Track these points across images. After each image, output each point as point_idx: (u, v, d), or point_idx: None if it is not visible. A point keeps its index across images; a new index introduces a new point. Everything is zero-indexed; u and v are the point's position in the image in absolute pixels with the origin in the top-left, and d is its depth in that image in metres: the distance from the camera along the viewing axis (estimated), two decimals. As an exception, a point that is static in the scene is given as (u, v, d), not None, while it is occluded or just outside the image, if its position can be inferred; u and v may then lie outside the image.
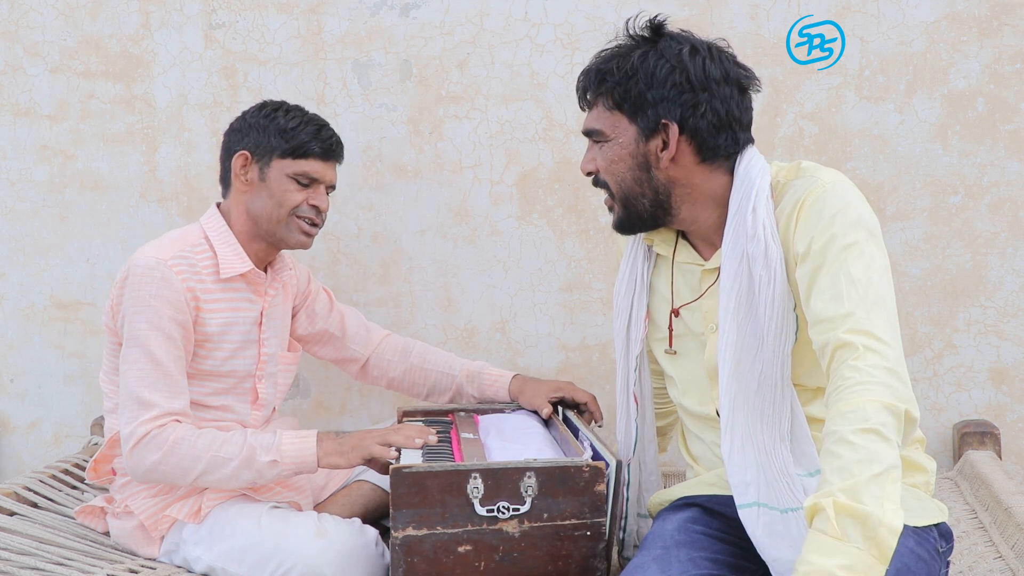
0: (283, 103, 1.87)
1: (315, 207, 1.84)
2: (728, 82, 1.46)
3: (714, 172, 1.48)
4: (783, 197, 1.43)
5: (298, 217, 1.83)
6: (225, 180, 1.87)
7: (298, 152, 1.81)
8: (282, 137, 1.80)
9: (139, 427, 1.66)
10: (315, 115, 1.87)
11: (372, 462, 1.67)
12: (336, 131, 1.88)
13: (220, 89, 2.31)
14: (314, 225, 1.86)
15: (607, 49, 1.51)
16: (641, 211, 1.51)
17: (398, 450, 1.66)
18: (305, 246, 1.86)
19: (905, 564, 1.31)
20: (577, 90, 1.54)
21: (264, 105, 1.87)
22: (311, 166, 1.82)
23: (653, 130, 1.46)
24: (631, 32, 1.49)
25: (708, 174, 1.48)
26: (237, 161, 1.83)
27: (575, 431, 1.76)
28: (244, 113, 1.87)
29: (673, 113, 1.44)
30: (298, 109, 1.86)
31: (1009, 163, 2.18)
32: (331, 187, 1.89)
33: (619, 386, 1.69)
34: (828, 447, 1.18)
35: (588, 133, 1.53)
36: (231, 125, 1.88)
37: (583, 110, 1.56)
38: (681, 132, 1.45)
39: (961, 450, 2.17)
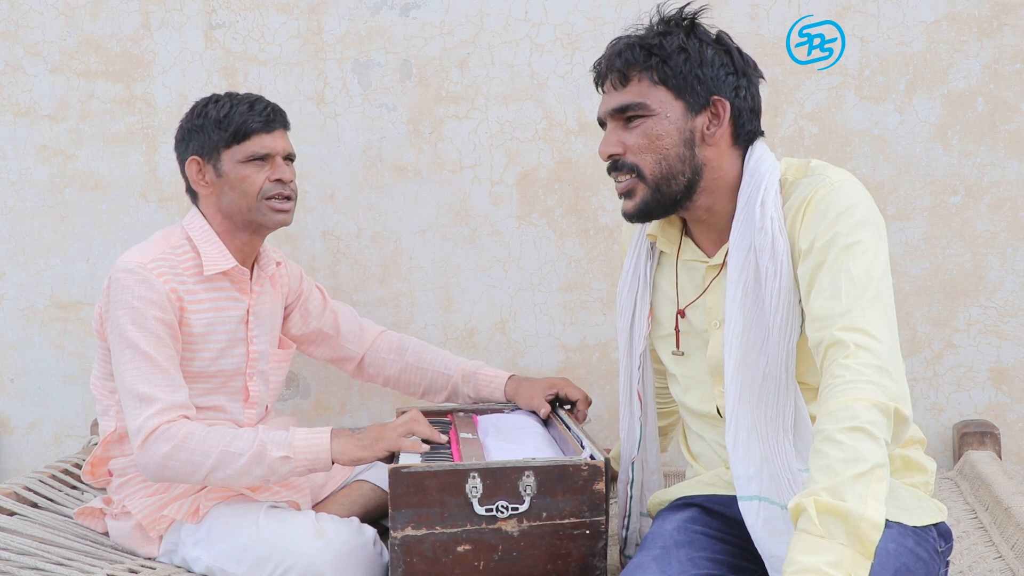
0: (212, 96, 1.85)
1: (279, 181, 1.82)
2: (756, 72, 1.51)
3: (736, 159, 1.50)
4: (791, 194, 1.44)
5: (267, 199, 1.81)
6: (190, 190, 1.87)
7: (239, 135, 1.79)
8: (219, 128, 1.80)
9: (146, 422, 1.64)
10: (246, 94, 1.85)
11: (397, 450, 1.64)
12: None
13: (220, 89, 2.30)
14: (287, 199, 1.84)
15: (636, 31, 1.50)
16: (674, 191, 1.48)
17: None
18: (285, 223, 1.85)
19: (904, 564, 1.31)
20: (611, 66, 1.50)
21: (194, 106, 1.86)
22: (258, 143, 1.80)
23: (703, 106, 1.46)
24: (664, 17, 1.49)
25: (733, 159, 1.49)
26: (191, 168, 1.83)
27: (567, 428, 1.76)
28: (181, 121, 1.87)
29: (726, 91, 1.46)
30: (227, 96, 1.84)
31: (1009, 163, 2.18)
32: (288, 157, 1.86)
33: (623, 384, 1.69)
34: (816, 446, 1.19)
35: (624, 109, 1.48)
36: (175, 137, 1.88)
37: (602, 92, 1.53)
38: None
39: (961, 450, 2.17)
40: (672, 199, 1.50)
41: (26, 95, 2.37)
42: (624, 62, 1.48)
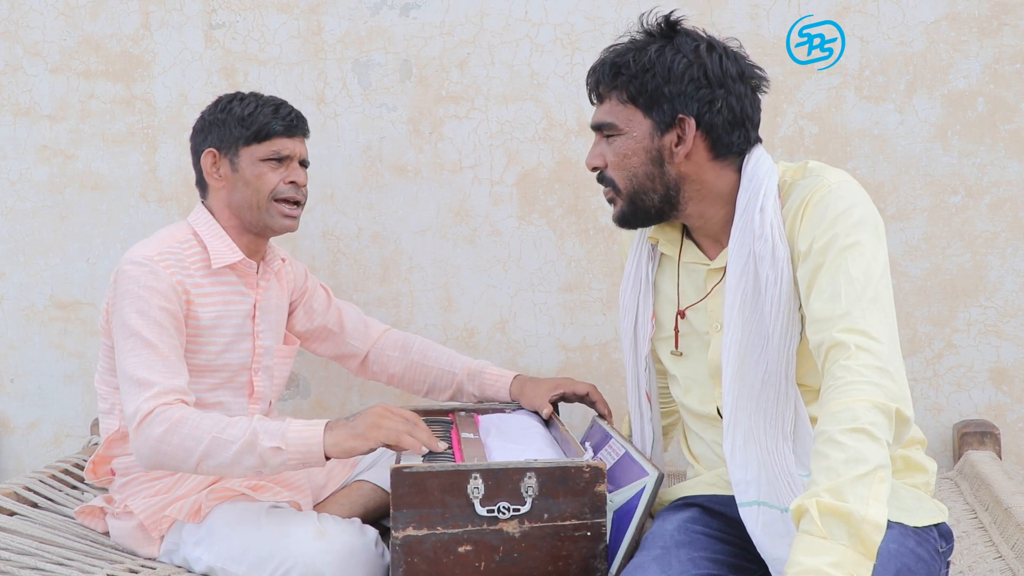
0: (237, 93, 1.88)
1: (293, 183, 1.85)
2: (743, 80, 1.46)
3: (724, 169, 1.48)
4: (789, 197, 1.43)
5: (277, 201, 1.83)
6: (201, 182, 1.89)
7: (261, 135, 1.82)
8: (242, 125, 1.82)
9: (143, 404, 1.62)
10: (271, 96, 1.87)
11: (394, 446, 1.61)
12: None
13: (220, 89, 2.30)
14: (296, 204, 1.86)
15: (619, 43, 1.50)
16: (648, 206, 1.51)
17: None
18: (291, 229, 1.87)
19: (905, 564, 1.31)
20: (588, 83, 1.53)
21: (219, 100, 1.88)
22: (278, 144, 1.83)
23: (669, 124, 1.45)
24: (646, 27, 1.49)
25: (719, 171, 1.48)
26: (206, 160, 1.84)
27: (607, 438, 1.75)
28: (202, 113, 1.89)
29: (690, 108, 1.44)
30: (253, 95, 1.87)
31: (1009, 163, 2.18)
32: (304, 162, 1.90)
33: (630, 387, 1.69)
34: (817, 447, 1.19)
35: (599, 127, 1.52)
36: (193, 127, 1.89)
37: (592, 104, 1.54)
38: (697, 127, 1.45)
39: (961, 450, 2.17)
40: (649, 212, 1.52)
41: (26, 95, 2.36)
42: (596, 81, 1.52)
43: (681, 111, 1.44)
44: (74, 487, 2.08)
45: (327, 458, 1.60)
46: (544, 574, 1.52)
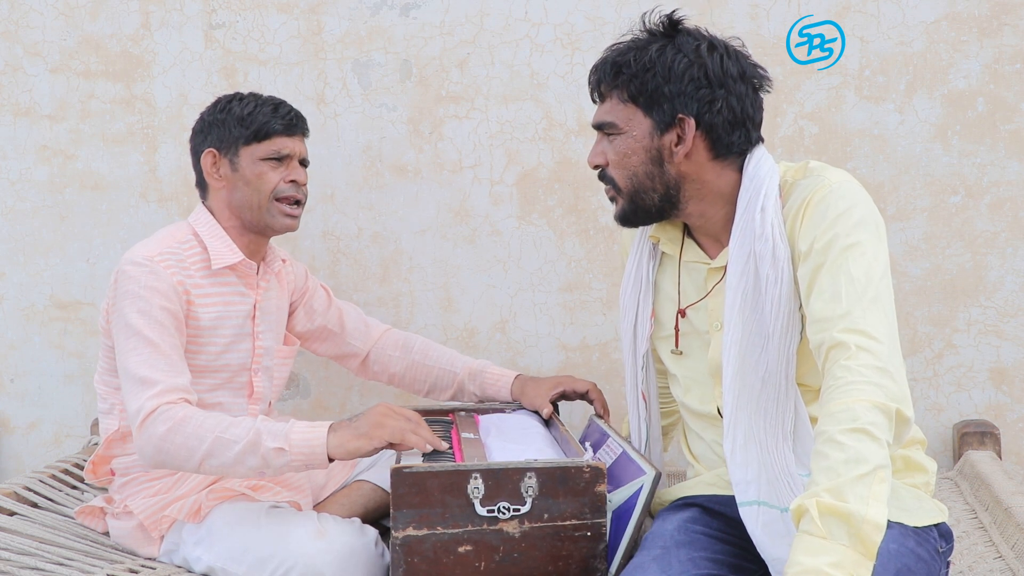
0: (236, 94, 1.88)
1: (293, 182, 1.85)
2: (744, 80, 1.46)
3: (725, 169, 1.48)
4: (790, 196, 1.44)
5: (278, 200, 1.84)
6: (201, 183, 1.89)
7: (261, 134, 1.82)
8: (242, 125, 1.82)
9: (146, 402, 1.62)
10: (270, 96, 1.88)
11: (398, 445, 1.61)
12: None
13: (220, 89, 2.30)
14: (296, 204, 1.87)
15: (620, 42, 1.50)
16: (648, 205, 1.51)
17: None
18: (292, 228, 1.87)
19: (905, 564, 1.32)
20: (589, 82, 1.54)
21: (218, 101, 1.88)
22: (278, 143, 1.84)
23: (669, 124, 1.45)
24: (647, 26, 1.49)
25: (719, 171, 1.48)
26: (206, 160, 1.84)
27: (604, 437, 1.75)
28: (201, 114, 1.89)
29: (690, 108, 1.44)
30: (252, 95, 1.87)
31: (1009, 163, 2.18)
32: (304, 162, 1.90)
33: (628, 385, 1.69)
34: (817, 447, 1.19)
35: (600, 126, 1.52)
36: (192, 128, 1.90)
37: (594, 103, 1.55)
38: (697, 127, 1.45)
39: (961, 450, 2.17)
40: (650, 210, 1.52)
41: (26, 95, 2.36)
42: (597, 80, 1.52)
43: (681, 111, 1.44)
44: (74, 487, 2.08)
45: (331, 459, 1.60)
46: (544, 574, 1.52)
